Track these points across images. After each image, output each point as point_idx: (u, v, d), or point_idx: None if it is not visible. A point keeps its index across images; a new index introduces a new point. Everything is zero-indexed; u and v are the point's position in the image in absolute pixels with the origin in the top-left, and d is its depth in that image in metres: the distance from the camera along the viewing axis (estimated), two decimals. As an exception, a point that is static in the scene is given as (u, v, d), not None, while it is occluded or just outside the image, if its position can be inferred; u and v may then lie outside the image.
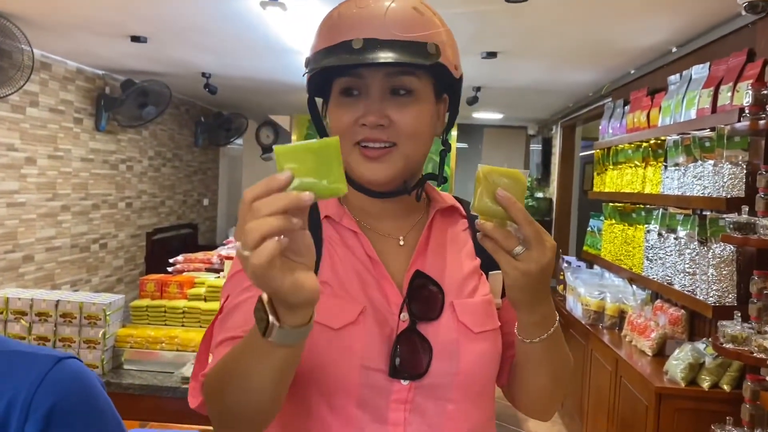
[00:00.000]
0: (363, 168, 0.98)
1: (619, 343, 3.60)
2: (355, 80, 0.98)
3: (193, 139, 7.54)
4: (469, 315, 1.00)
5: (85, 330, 2.57)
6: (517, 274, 0.86)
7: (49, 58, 4.72)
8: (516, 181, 0.86)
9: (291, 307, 0.73)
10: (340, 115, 0.99)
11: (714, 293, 2.76)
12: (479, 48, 3.96)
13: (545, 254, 0.86)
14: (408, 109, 0.97)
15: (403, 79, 0.97)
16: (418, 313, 0.98)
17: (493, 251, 0.87)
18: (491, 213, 0.86)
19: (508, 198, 0.84)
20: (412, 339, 0.96)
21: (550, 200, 7.43)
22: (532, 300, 0.90)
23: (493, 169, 0.86)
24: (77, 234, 5.22)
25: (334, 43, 0.94)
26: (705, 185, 2.91)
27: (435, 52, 0.94)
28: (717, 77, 3.04)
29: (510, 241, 0.85)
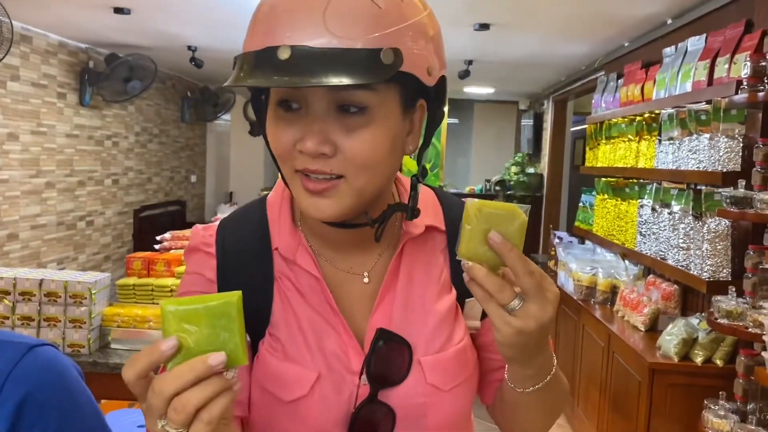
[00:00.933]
0: (305, 202, 0.79)
1: (612, 318, 3.59)
2: (291, 91, 0.76)
3: (179, 114, 7.42)
4: (439, 372, 0.86)
5: (71, 309, 2.51)
6: (510, 332, 0.72)
7: (30, 31, 4.59)
8: (512, 219, 0.72)
9: None
10: (277, 134, 0.78)
11: (708, 268, 2.73)
12: (472, 19, 3.88)
13: (546, 309, 0.72)
14: (359, 134, 0.75)
15: (353, 94, 0.74)
16: (381, 375, 0.84)
17: (482, 301, 0.72)
18: (482, 259, 0.72)
19: (504, 244, 0.70)
20: (373, 409, 0.84)
21: (541, 176, 7.40)
22: (526, 357, 0.77)
23: (484, 204, 0.72)
24: (63, 211, 5.14)
25: (259, 48, 0.71)
26: (700, 159, 2.88)
27: (392, 61, 0.71)
28: (714, 49, 2.99)
29: (505, 293, 0.71)
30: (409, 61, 0.73)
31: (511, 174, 7.59)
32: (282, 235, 0.88)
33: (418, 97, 0.83)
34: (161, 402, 0.60)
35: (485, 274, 0.71)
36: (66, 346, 2.50)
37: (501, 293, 0.71)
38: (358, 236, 0.88)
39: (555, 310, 0.73)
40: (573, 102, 6.98)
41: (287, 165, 0.79)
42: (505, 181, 7.65)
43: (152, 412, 0.61)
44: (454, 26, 4.04)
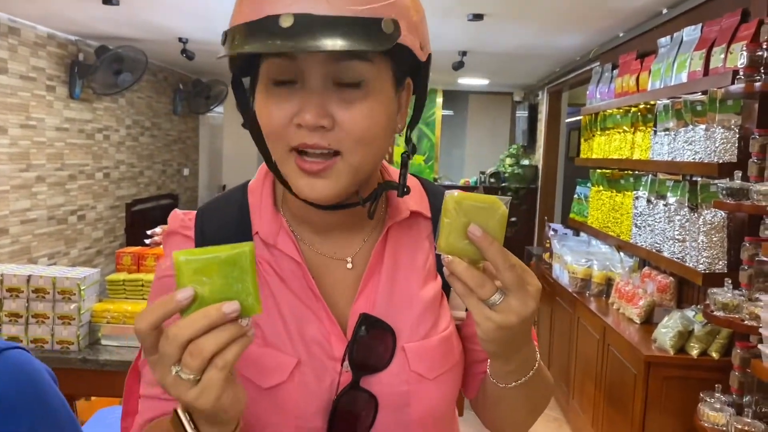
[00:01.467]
0: (300, 183, 0.77)
1: (607, 310, 3.57)
2: (287, 64, 0.74)
3: (171, 107, 7.36)
4: (424, 360, 0.84)
5: (59, 305, 2.47)
6: (491, 327, 0.70)
7: (18, 23, 4.53)
8: (493, 212, 0.71)
9: (219, 423, 0.65)
10: (271, 111, 0.76)
11: (704, 260, 2.71)
12: (465, 9, 3.84)
13: (527, 304, 0.70)
14: (357, 107, 0.74)
15: (351, 66, 0.73)
16: (363, 362, 0.82)
17: (463, 296, 0.71)
18: (461, 253, 0.71)
19: (484, 238, 0.69)
20: (355, 396, 0.82)
21: (535, 167, 7.38)
22: (508, 352, 0.76)
23: (465, 196, 0.71)
24: (54, 206, 5.09)
25: (257, 17, 0.70)
26: (696, 150, 2.85)
27: (392, 31, 0.72)
28: (709, 39, 2.96)
29: (485, 288, 0.69)
30: (405, 33, 0.74)
31: (505, 166, 7.56)
32: (263, 219, 0.86)
33: (407, 75, 0.83)
34: (175, 348, 0.60)
35: (465, 268, 0.69)
36: (55, 342, 2.46)
37: (481, 288, 0.69)
38: (343, 219, 0.86)
39: (537, 304, 0.72)
40: (568, 93, 6.95)
41: (280, 144, 0.77)
42: (500, 173, 7.63)
43: (164, 360, 0.61)
44: (447, 17, 4.00)
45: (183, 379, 0.60)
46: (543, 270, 4.83)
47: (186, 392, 0.61)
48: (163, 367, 0.61)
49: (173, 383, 0.61)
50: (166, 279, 0.84)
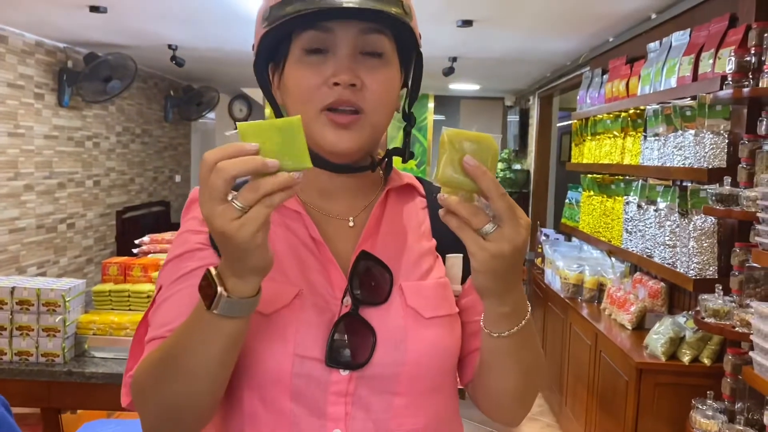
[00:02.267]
0: (331, 135, 0.88)
1: (599, 316, 3.55)
2: (322, 35, 0.88)
3: (162, 113, 7.33)
4: (420, 299, 0.91)
5: (44, 317, 2.44)
6: (486, 257, 0.74)
7: (5, 30, 4.49)
8: (486, 147, 0.75)
9: (250, 272, 0.73)
10: (305, 75, 0.88)
11: (695, 266, 2.70)
12: (454, 16, 3.83)
13: (519, 233, 0.74)
14: (379, 73, 0.89)
15: (375, 39, 0.89)
16: (363, 297, 0.88)
17: (458, 230, 0.75)
18: (457, 184, 0.75)
19: (478, 167, 0.73)
20: (354, 325, 0.87)
21: (527, 172, 7.37)
22: (502, 287, 0.79)
23: (459, 132, 0.75)
24: (43, 214, 5.05)
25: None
26: (686, 155, 2.84)
27: (409, 12, 0.89)
28: (698, 44, 2.96)
29: (479, 217, 0.74)
30: (413, 18, 0.92)
31: (498, 171, 7.55)
32: None
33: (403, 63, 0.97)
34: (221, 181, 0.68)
35: (458, 201, 0.74)
36: (40, 355, 2.43)
37: (475, 217, 0.73)
38: (349, 185, 0.97)
39: (528, 234, 0.76)
40: (559, 98, 6.95)
41: (312, 104, 0.88)
42: (492, 177, 7.61)
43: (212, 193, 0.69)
44: (437, 23, 3.99)
45: (234, 207, 0.68)
46: (535, 275, 4.82)
47: (230, 222, 0.68)
48: (212, 200, 0.69)
49: (221, 213, 0.69)
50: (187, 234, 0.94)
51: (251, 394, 0.87)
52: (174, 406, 0.80)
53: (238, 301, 0.73)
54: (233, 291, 0.73)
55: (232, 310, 0.73)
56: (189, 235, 0.93)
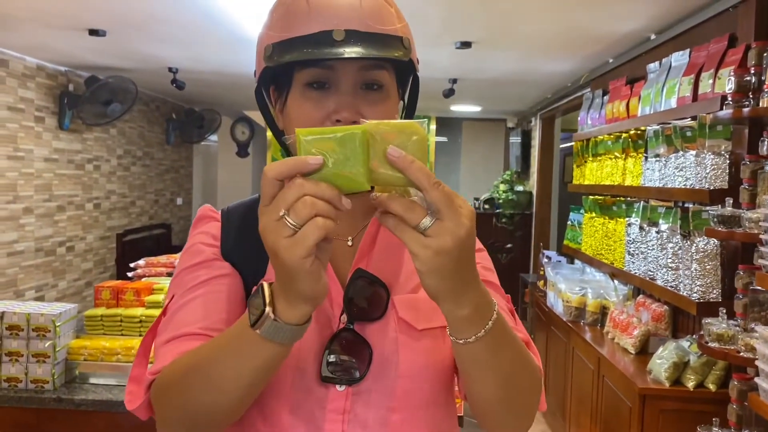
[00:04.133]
0: None
1: (602, 340, 3.49)
2: (325, 72, 0.89)
3: (164, 136, 7.34)
4: (411, 311, 0.91)
5: (34, 343, 2.40)
6: (428, 254, 0.68)
7: (6, 54, 4.51)
8: (410, 135, 0.69)
9: (300, 298, 0.70)
10: (308, 109, 0.90)
11: (698, 289, 2.65)
12: (452, 38, 3.82)
13: (461, 222, 0.68)
14: (380, 106, 0.91)
15: (376, 74, 0.91)
16: (359, 313, 0.90)
17: (395, 229, 0.69)
18: (385, 180, 0.69)
19: (403, 157, 0.67)
20: (350, 341, 0.88)
21: (530, 193, 7.33)
22: (454, 287, 0.72)
23: (379, 123, 0.70)
24: (41, 237, 5.02)
25: (312, 32, 0.86)
26: (687, 176, 2.80)
27: (408, 47, 0.91)
28: (697, 64, 2.93)
29: (414, 212, 0.68)
30: (413, 50, 0.93)
31: (500, 192, 7.51)
32: None
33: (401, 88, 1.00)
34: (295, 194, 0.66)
35: (390, 196, 0.69)
36: (29, 381, 2.38)
37: (410, 212, 0.68)
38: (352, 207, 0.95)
39: (472, 225, 0.70)
40: (561, 119, 6.93)
41: None
42: (494, 199, 7.58)
43: (278, 202, 0.67)
44: (435, 45, 3.98)
45: (286, 224, 0.66)
46: (537, 298, 4.76)
47: (281, 238, 0.66)
48: (274, 210, 0.67)
49: (274, 227, 0.67)
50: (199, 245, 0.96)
51: (252, 406, 0.86)
52: (195, 412, 0.81)
53: (283, 326, 0.72)
54: (281, 314, 0.71)
55: (276, 334, 0.72)
56: (202, 246, 0.96)
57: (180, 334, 0.87)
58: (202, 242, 0.97)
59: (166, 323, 0.90)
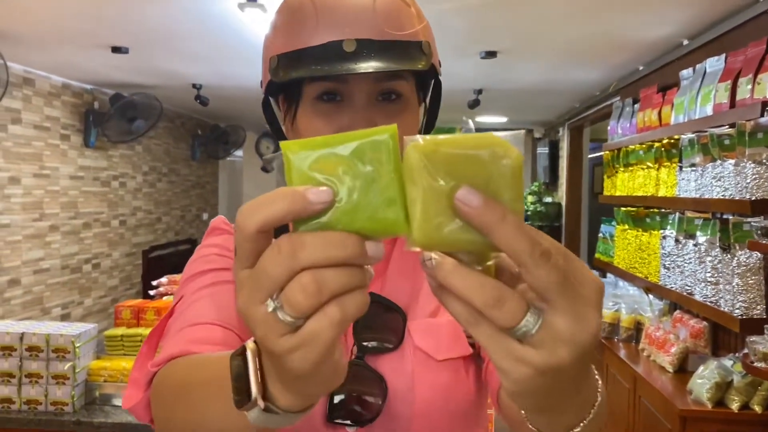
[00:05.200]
0: None
1: (637, 358, 3.35)
2: (337, 85, 0.80)
3: (190, 152, 7.36)
4: (430, 338, 0.81)
5: (53, 364, 2.36)
6: (527, 373, 0.42)
7: (32, 73, 4.54)
8: (495, 162, 0.42)
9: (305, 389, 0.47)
10: (318, 124, 0.81)
11: (740, 305, 2.51)
12: (477, 47, 3.74)
13: (587, 321, 0.42)
14: (398, 118, 0.82)
15: (393, 84, 0.81)
16: (372, 342, 0.80)
17: (468, 324, 0.43)
18: (451, 245, 0.42)
19: (487, 207, 0.40)
20: (361, 375, 0.78)
21: (558, 205, 7.19)
22: (559, 403, 0.48)
23: (438, 142, 0.42)
24: (67, 255, 5.03)
25: (319, 43, 0.77)
26: (726, 187, 2.68)
27: (429, 52, 0.81)
28: (734, 69, 2.81)
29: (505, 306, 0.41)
30: (434, 54, 0.83)
31: (527, 203, 7.39)
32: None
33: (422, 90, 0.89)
34: (286, 269, 0.41)
35: (455, 266, 0.42)
36: (49, 404, 2.35)
37: (498, 306, 0.41)
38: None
39: (600, 314, 0.44)
40: (589, 129, 6.80)
41: None
42: (522, 211, 7.44)
43: (262, 281, 0.42)
44: (460, 56, 3.91)
45: (279, 319, 0.42)
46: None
47: (277, 338, 0.42)
48: (258, 291, 0.42)
49: (263, 319, 0.42)
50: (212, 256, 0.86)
51: None
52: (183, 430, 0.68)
53: (279, 413, 0.48)
54: (276, 401, 0.48)
55: (269, 422, 0.49)
56: (214, 257, 0.88)
57: (192, 323, 0.77)
58: (215, 253, 0.89)
59: (175, 320, 0.81)
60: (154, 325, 2.60)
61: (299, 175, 0.43)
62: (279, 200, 0.42)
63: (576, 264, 0.42)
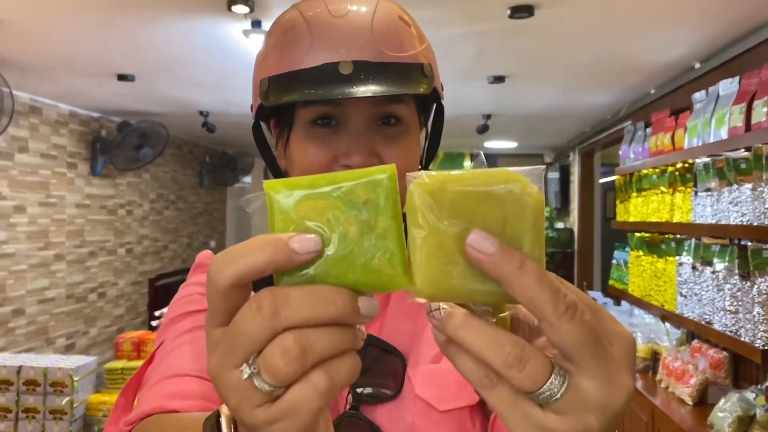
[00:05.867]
0: None
1: (655, 389, 3.23)
2: (333, 109, 0.76)
3: (198, 179, 7.35)
4: (432, 387, 0.73)
5: (51, 398, 2.30)
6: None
7: (39, 102, 4.55)
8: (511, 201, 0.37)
9: None
10: (313, 150, 0.76)
11: (762, 335, 2.41)
12: (485, 72, 3.70)
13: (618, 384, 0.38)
14: (399, 143, 0.77)
15: (392, 107, 0.76)
16: (368, 389, 0.73)
17: (480, 387, 0.38)
18: (462, 295, 0.38)
19: (503, 253, 0.36)
20: (355, 427, 0.71)
21: (570, 231, 7.09)
22: None
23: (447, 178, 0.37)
24: (73, 284, 4.99)
25: (313, 65, 0.72)
26: (743, 212, 2.59)
27: (430, 74, 0.76)
28: (749, 92, 2.74)
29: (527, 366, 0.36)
30: (436, 77, 0.78)
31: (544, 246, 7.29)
32: None
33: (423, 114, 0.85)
34: (266, 330, 0.36)
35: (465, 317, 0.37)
36: (45, 440, 2.27)
37: (519, 367, 0.36)
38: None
39: (633, 374, 0.40)
40: (600, 153, 6.73)
41: None
42: (533, 237, 7.35)
43: (238, 342, 0.37)
44: (467, 80, 3.86)
45: (255, 387, 0.37)
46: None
47: (253, 409, 0.37)
48: (231, 353, 0.37)
49: (237, 386, 0.37)
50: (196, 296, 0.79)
51: None
52: None
53: None
54: None
55: None
56: (197, 297, 0.82)
57: (170, 374, 0.72)
58: (198, 292, 0.83)
59: (154, 369, 0.75)
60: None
61: (283, 218, 0.39)
62: (258, 249, 0.37)
63: (605, 319, 0.38)
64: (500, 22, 2.73)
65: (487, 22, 2.79)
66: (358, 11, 0.74)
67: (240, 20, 2.76)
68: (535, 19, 2.68)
